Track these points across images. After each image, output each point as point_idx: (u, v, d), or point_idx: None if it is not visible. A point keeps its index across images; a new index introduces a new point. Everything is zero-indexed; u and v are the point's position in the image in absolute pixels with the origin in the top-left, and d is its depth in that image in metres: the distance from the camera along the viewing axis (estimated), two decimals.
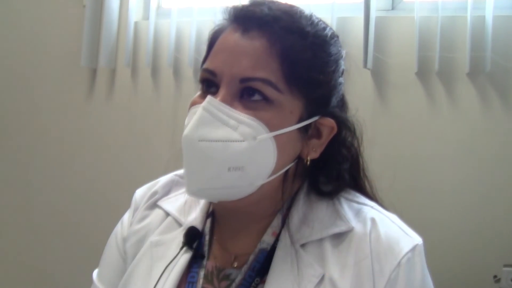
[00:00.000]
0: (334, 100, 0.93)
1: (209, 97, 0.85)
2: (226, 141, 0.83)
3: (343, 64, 0.96)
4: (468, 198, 1.73)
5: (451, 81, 1.77)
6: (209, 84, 0.89)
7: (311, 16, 0.92)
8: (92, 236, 2.18)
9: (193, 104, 0.89)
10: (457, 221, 1.73)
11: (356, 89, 1.86)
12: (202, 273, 0.93)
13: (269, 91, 0.85)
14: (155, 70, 2.19)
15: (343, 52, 0.96)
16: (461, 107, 1.75)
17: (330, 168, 0.95)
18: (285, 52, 0.85)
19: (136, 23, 2.23)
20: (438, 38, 1.74)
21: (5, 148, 2.46)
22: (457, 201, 1.74)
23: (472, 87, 1.74)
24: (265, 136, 0.84)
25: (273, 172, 0.87)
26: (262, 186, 0.88)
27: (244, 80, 0.85)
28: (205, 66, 0.90)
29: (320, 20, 0.93)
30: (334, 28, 1.80)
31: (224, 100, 0.85)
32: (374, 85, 1.86)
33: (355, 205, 0.94)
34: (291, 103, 0.87)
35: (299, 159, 0.92)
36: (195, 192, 0.89)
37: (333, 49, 0.92)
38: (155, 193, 1.06)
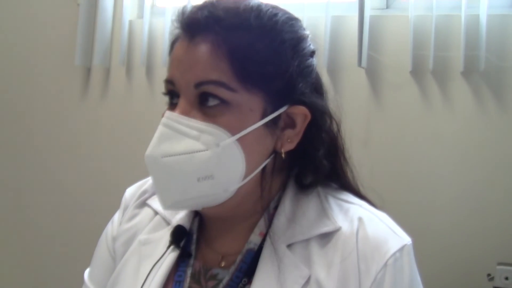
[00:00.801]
0: (302, 86, 0.89)
1: (167, 112, 0.86)
2: (189, 152, 0.83)
3: (308, 46, 0.92)
4: (462, 197, 1.73)
5: (445, 80, 1.77)
6: (173, 95, 0.90)
7: (258, 6, 0.88)
8: (86, 235, 2.17)
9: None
10: (451, 220, 1.73)
11: (350, 87, 1.88)
12: (189, 272, 0.93)
13: (222, 93, 0.83)
14: (149, 69, 2.18)
15: (305, 33, 0.93)
16: (455, 106, 1.76)
17: (310, 156, 0.92)
18: (231, 51, 0.84)
19: (130, 22, 2.22)
20: (433, 37, 1.74)
21: None
22: (451, 200, 1.74)
23: (466, 85, 1.75)
24: (228, 141, 0.83)
25: (247, 174, 0.86)
26: (240, 189, 0.87)
27: (197, 85, 0.84)
28: (165, 78, 0.91)
29: (270, 9, 0.89)
30: (328, 27, 1.85)
31: (183, 112, 0.85)
32: (368, 83, 1.86)
33: (344, 204, 0.93)
34: (249, 101, 0.85)
35: (276, 153, 0.90)
36: (170, 206, 0.89)
37: (286, 35, 0.88)
38: (144, 192, 1.06)
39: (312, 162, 0.93)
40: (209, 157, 0.83)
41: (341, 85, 1.87)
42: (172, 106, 0.89)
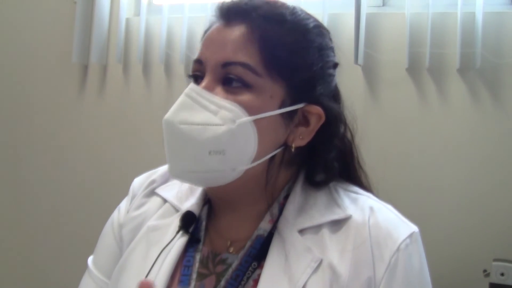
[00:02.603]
0: (321, 89, 0.94)
1: (191, 84, 0.90)
2: (206, 124, 0.86)
3: (332, 57, 0.98)
4: (458, 194, 1.74)
5: (441, 77, 1.78)
6: (197, 77, 0.93)
7: (294, 7, 0.94)
8: (85, 231, 2.18)
9: None
10: (447, 216, 1.74)
11: (347, 85, 1.87)
12: (198, 257, 0.95)
13: (248, 76, 0.88)
14: (146, 66, 2.19)
15: (332, 45, 0.98)
16: (452, 103, 1.77)
17: (320, 157, 0.96)
18: (263, 38, 0.89)
19: (127, 20, 2.23)
20: (429, 34, 1.75)
21: None
22: (447, 196, 1.75)
23: (462, 83, 1.75)
24: (244, 120, 0.86)
25: (256, 157, 0.89)
26: (247, 172, 0.89)
27: (225, 64, 0.88)
28: (195, 58, 0.94)
29: (305, 13, 0.95)
30: (325, 24, 1.84)
31: (207, 87, 0.89)
32: (365, 81, 1.87)
33: (353, 194, 0.96)
34: (271, 88, 0.89)
35: (287, 146, 0.93)
36: (177, 175, 0.92)
37: (316, 38, 0.94)
38: (153, 181, 1.07)
39: (322, 162, 0.96)
40: (223, 131, 0.86)
41: (337, 82, 1.87)
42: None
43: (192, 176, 0.91)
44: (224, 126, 0.86)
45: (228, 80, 0.88)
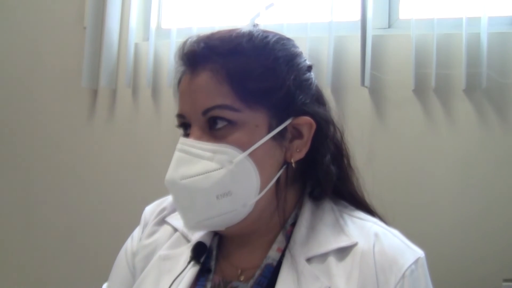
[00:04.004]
0: (302, 98, 0.95)
1: (181, 139, 0.92)
2: (206, 173, 0.88)
3: (303, 62, 0.99)
4: (466, 213, 1.74)
5: (448, 98, 1.79)
6: (186, 126, 0.96)
7: (249, 32, 0.95)
8: (93, 254, 2.18)
9: None
10: (456, 236, 1.74)
11: (354, 106, 1.89)
12: (209, 286, 0.96)
13: (228, 114, 0.90)
14: (155, 90, 2.20)
15: (298, 50, 1.00)
16: (458, 123, 1.77)
17: (319, 163, 0.97)
18: (229, 74, 0.90)
19: (136, 44, 2.25)
20: (434, 55, 1.76)
21: (5, 170, 2.47)
22: (455, 216, 1.75)
23: (468, 103, 1.76)
24: (240, 157, 0.89)
25: (262, 187, 0.91)
26: (258, 202, 0.91)
27: (205, 112, 0.91)
28: (176, 113, 0.97)
29: (261, 32, 0.96)
30: (331, 47, 1.87)
31: (195, 137, 0.91)
32: (372, 102, 1.88)
33: (358, 221, 0.97)
34: (254, 117, 0.91)
35: (288, 164, 0.95)
36: (194, 227, 0.94)
37: (279, 53, 0.95)
38: (163, 209, 1.09)
39: (320, 169, 0.97)
40: (224, 174, 0.88)
41: (344, 104, 1.89)
42: (186, 136, 0.94)
43: (208, 223, 0.92)
44: (223, 169, 0.88)
45: (213, 122, 0.91)
